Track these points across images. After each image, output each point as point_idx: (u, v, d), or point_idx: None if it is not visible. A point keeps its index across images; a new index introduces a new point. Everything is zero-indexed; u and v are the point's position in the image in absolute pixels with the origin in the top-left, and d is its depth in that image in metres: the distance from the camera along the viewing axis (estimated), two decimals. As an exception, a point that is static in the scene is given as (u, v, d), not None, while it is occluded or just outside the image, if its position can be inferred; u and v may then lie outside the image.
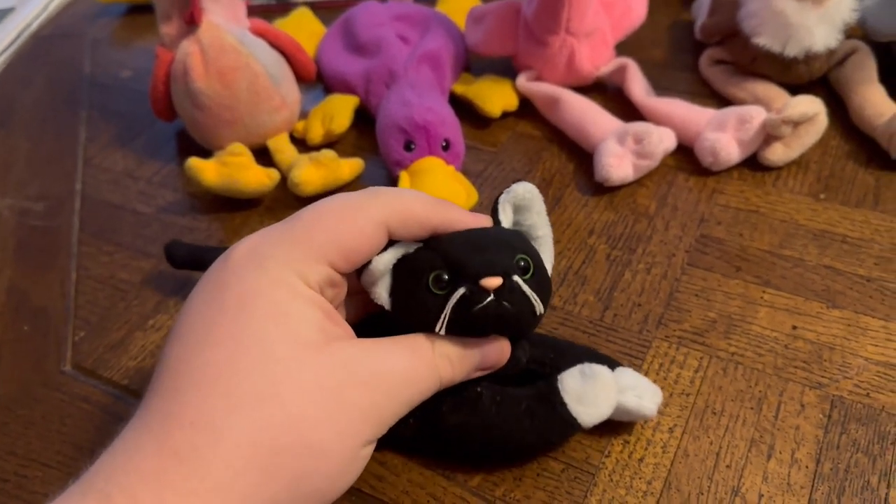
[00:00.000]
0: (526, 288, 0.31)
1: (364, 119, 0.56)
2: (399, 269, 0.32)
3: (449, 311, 0.30)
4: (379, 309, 0.33)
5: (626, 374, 0.36)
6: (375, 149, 0.53)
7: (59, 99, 0.66)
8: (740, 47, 0.54)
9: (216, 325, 0.27)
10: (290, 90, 0.53)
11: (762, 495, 0.34)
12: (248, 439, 0.25)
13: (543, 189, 0.50)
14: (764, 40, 0.52)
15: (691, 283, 0.43)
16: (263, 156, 0.53)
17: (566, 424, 0.34)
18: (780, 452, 0.35)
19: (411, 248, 0.32)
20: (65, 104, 0.65)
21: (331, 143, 0.55)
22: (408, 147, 0.49)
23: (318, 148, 0.52)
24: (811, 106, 0.48)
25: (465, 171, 0.52)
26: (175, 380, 0.27)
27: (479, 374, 0.33)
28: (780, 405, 0.37)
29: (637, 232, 0.47)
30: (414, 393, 0.30)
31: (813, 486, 0.34)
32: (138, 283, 0.47)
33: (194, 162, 0.48)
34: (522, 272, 0.32)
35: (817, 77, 0.54)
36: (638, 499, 0.34)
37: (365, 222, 0.30)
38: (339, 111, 0.54)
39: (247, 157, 0.49)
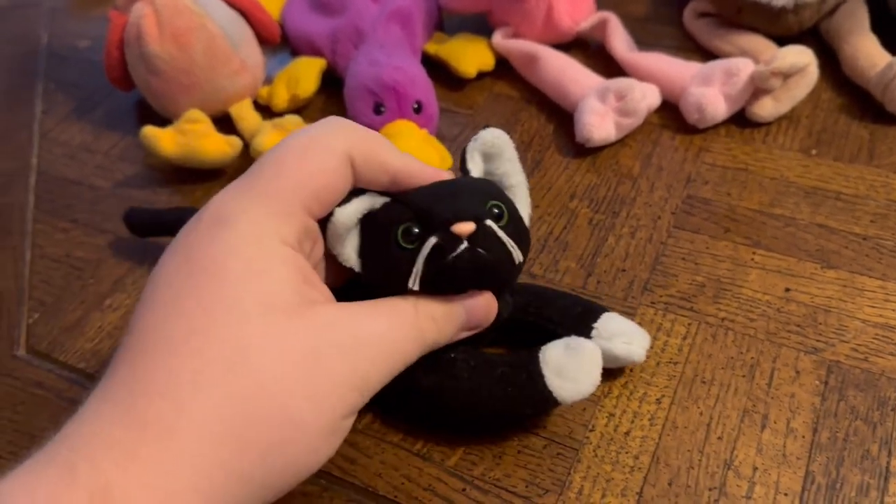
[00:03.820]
0: (501, 234, 0.29)
1: (332, 82, 0.53)
2: (365, 226, 0.30)
3: (421, 264, 0.28)
4: (357, 274, 0.31)
5: (612, 321, 0.34)
6: (345, 113, 0.50)
7: (15, 71, 0.63)
8: (726, -2, 0.52)
9: (185, 289, 0.26)
10: (251, 53, 0.50)
11: (756, 468, 0.32)
12: (216, 409, 0.24)
13: (522, 152, 0.48)
14: (751, -11, 0.49)
15: (678, 246, 0.41)
16: (226, 124, 0.50)
17: (542, 398, 0.31)
18: (775, 422, 0.33)
19: (377, 202, 0.30)
20: (21, 76, 0.62)
21: (297, 108, 0.52)
22: (377, 110, 0.46)
23: (283, 114, 0.49)
24: (801, 57, 0.45)
25: (440, 136, 0.49)
26: (143, 347, 0.25)
27: (466, 333, 0.31)
28: (774, 372, 0.35)
29: (620, 194, 0.44)
30: (398, 358, 0.28)
31: (810, 456, 0.32)
32: (95, 261, 0.44)
33: (150, 131, 0.45)
34: (496, 219, 0.30)
35: (807, 27, 0.52)
36: (625, 475, 0.32)
37: (330, 155, 0.29)
38: (305, 74, 0.51)
39: (205, 124, 0.47)
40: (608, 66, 0.52)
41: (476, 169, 0.32)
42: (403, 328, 0.28)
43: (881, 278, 0.38)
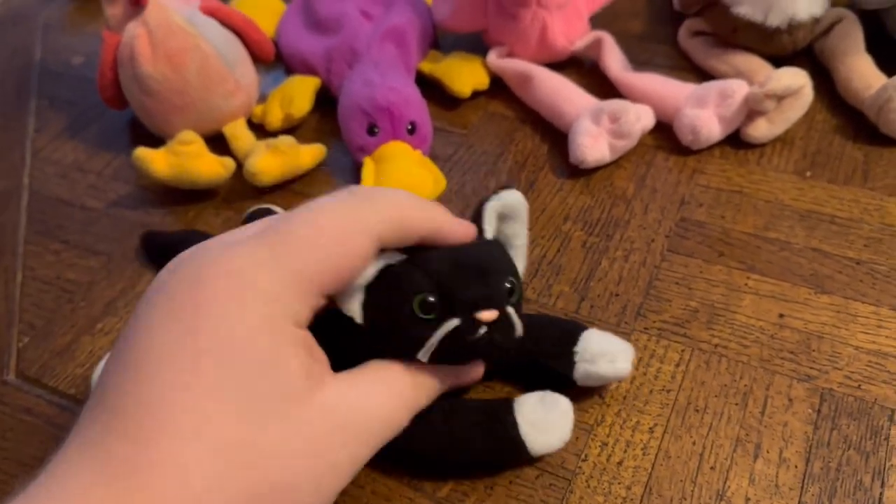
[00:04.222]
0: (515, 318, 0.30)
1: (327, 101, 0.53)
2: (378, 283, 0.29)
3: (436, 341, 0.28)
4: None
5: (592, 340, 0.34)
6: (339, 133, 0.50)
7: (8, 87, 0.62)
8: (720, 17, 0.51)
9: (187, 371, 0.24)
10: (246, 72, 0.50)
11: (749, 498, 0.31)
12: (222, 495, 0.23)
13: (516, 173, 0.48)
14: (745, 9, 0.49)
15: (671, 270, 0.41)
16: (220, 143, 0.50)
17: (516, 448, 0.31)
18: (768, 451, 0.33)
19: (393, 260, 0.29)
20: (13, 93, 0.61)
21: (291, 127, 0.52)
22: (371, 131, 0.46)
23: (277, 133, 0.49)
24: (795, 78, 0.45)
25: (434, 155, 0.49)
26: (140, 426, 0.23)
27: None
28: (767, 400, 0.35)
29: (614, 217, 0.44)
30: (390, 433, 0.29)
31: (803, 487, 0.32)
32: (86, 283, 0.44)
33: (142, 152, 0.45)
34: (510, 296, 0.30)
35: (802, 47, 0.52)
36: (617, 506, 0.32)
37: (363, 240, 0.27)
38: (299, 93, 0.51)
39: (198, 145, 0.46)
40: (603, 85, 0.52)
41: (490, 229, 0.32)
42: (400, 406, 0.29)
43: (875, 304, 0.38)
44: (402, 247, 0.30)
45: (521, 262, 0.34)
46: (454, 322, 0.28)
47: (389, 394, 0.28)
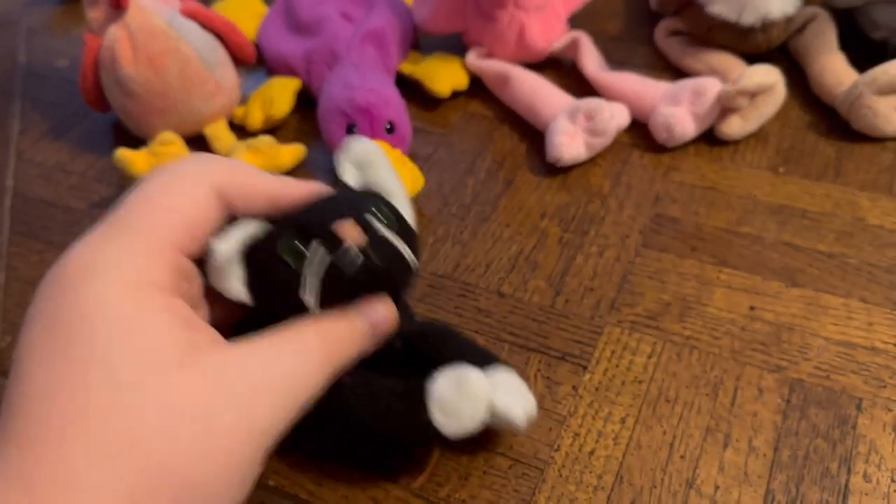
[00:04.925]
0: (389, 234, 0.28)
1: (308, 102, 0.53)
2: (249, 256, 0.28)
3: (313, 276, 0.27)
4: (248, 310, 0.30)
5: (504, 373, 0.32)
6: (319, 133, 0.50)
7: (-7, 90, 0.63)
8: (695, 17, 0.52)
9: (56, 360, 0.23)
10: (227, 74, 0.51)
11: (718, 487, 0.32)
12: (114, 490, 0.22)
13: (495, 171, 0.48)
14: (719, 8, 0.50)
15: (645, 265, 0.41)
16: (202, 144, 0.50)
17: (426, 430, 0.30)
18: (737, 441, 0.34)
19: (258, 229, 0.29)
20: (-1, 96, 0.62)
21: (272, 128, 0.53)
22: (350, 131, 0.47)
23: (257, 134, 0.50)
24: (767, 76, 0.46)
25: (413, 155, 0.49)
26: (26, 427, 0.23)
27: (375, 346, 0.30)
28: (737, 390, 0.35)
29: (590, 213, 0.45)
30: (305, 394, 0.27)
31: (771, 474, 0.32)
32: (68, 282, 0.44)
33: (123, 153, 0.46)
34: (376, 216, 0.29)
35: (776, 45, 0.52)
36: (588, 494, 0.32)
37: (196, 187, 0.27)
38: (280, 95, 0.51)
39: (178, 146, 0.47)
40: (581, 84, 0.53)
41: (351, 178, 0.32)
42: (310, 360, 0.27)
43: (844, 296, 0.39)
44: (261, 214, 0.29)
45: (403, 207, 0.32)
46: (321, 250, 0.27)
47: (295, 355, 0.27)
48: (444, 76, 0.53)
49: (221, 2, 0.62)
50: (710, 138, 0.48)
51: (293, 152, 0.48)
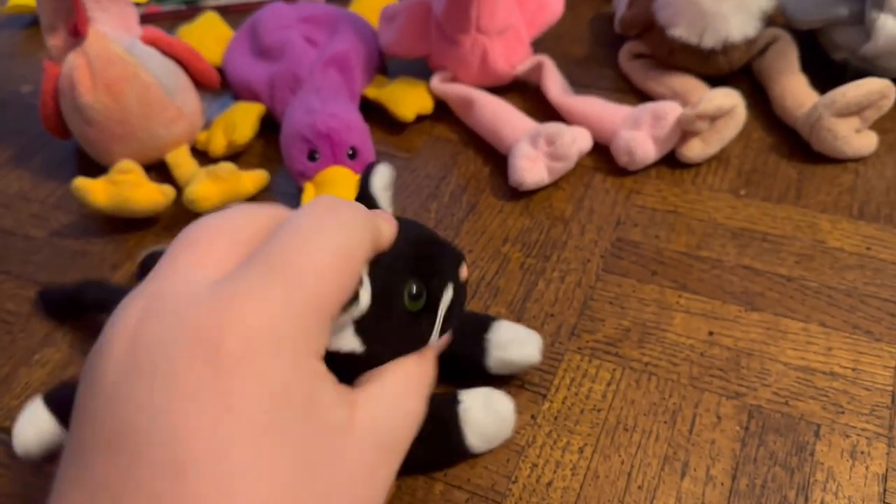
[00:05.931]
0: None
1: (273, 127, 0.53)
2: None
3: (441, 317, 0.29)
4: None
5: (503, 327, 0.36)
6: (280, 159, 0.50)
7: (-43, 116, 0.62)
8: (658, 40, 0.52)
9: (233, 445, 0.21)
10: (188, 100, 0.50)
11: (675, 517, 0.32)
12: None
13: (458, 196, 0.48)
14: (680, 31, 0.50)
15: (606, 290, 0.41)
16: (164, 170, 0.50)
17: (459, 451, 0.32)
18: (695, 469, 0.33)
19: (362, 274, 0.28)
20: (-38, 122, 0.61)
21: (236, 154, 0.52)
22: (311, 157, 0.47)
23: (220, 160, 0.49)
24: (727, 99, 0.46)
25: (377, 180, 0.49)
26: None
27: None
28: (696, 417, 0.35)
29: (552, 238, 0.45)
30: (415, 431, 0.28)
31: (728, 504, 0.32)
32: (25, 314, 0.44)
33: (81, 182, 0.45)
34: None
35: (738, 67, 0.53)
36: (545, 527, 0.32)
37: (360, 258, 0.26)
38: (243, 120, 0.51)
39: (137, 175, 0.46)
40: (546, 108, 0.53)
41: (384, 201, 0.34)
42: (419, 397, 0.28)
43: (804, 320, 0.39)
44: None
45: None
46: (450, 292, 0.29)
47: (408, 393, 0.28)
48: (409, 100, 0.53)
49: (187, 26, 0.62)
50: (672, 161, 0.48)
51: (255, 178, 0.48)
